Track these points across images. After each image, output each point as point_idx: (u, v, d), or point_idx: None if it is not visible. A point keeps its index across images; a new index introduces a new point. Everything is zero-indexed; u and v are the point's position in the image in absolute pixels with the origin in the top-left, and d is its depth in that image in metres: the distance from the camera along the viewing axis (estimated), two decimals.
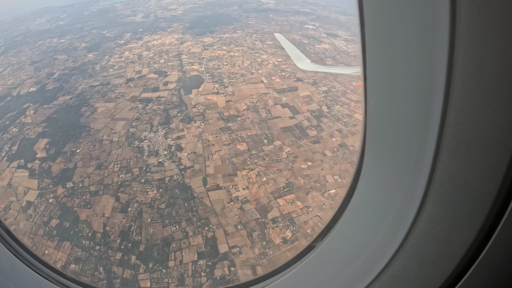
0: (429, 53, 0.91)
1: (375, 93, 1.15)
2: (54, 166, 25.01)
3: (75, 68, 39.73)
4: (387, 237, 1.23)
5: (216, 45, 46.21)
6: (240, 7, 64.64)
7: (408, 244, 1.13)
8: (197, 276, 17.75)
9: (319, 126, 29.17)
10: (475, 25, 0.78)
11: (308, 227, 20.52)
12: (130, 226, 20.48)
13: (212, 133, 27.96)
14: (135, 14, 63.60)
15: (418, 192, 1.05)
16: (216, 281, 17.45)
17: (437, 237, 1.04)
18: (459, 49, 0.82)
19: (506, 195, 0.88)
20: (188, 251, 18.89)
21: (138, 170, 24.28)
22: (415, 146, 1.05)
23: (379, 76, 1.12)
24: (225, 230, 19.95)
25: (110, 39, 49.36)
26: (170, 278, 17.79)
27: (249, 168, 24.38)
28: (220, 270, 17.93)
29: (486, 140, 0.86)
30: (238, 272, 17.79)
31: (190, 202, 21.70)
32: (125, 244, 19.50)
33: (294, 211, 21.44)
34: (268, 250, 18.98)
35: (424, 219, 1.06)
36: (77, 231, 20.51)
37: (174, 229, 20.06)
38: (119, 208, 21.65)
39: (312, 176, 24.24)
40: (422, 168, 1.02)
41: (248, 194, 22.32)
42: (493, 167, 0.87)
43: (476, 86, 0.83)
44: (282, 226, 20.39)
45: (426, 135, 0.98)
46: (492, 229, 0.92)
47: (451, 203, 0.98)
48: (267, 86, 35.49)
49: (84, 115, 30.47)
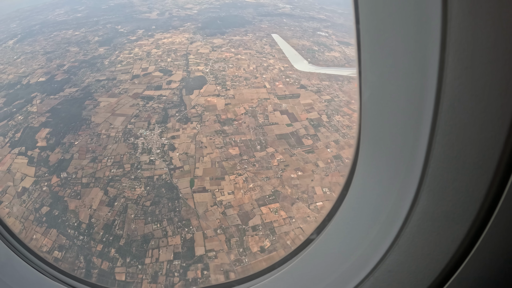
0: (421, 51, 0.96)
1: (368, 89, 1.21)
2: (52, 155, 26.60)
3: (85, 61, 41.84)
4: (382, 232, 1.27)
5: (225, 47, 47.20)
6: (256, 10, 65.61)
7: (402, 239, 1.17)
8: (170, 275, 18.56)
9: (315, 136, 29.28)
10: (466, 23, 0.82)
11: (288, 238, 20.91)
12: (114, 220, 21.59)
13: (207, 135, 28.85)
14: (151, 11, 65.86)
15: (411, 187, 1.09)
16: (187, 283, 18.25)
17: (430, 231, 1.08)
18: (451, 46, 0.86)
19: (497, 190, 0.91)
20: (165, 250, 19.75)
21: (129, 166, 25.46)
22: (408, 142, 1.10)
23: (372, 72, 1.17)
24: (204, 233, 20.68)
25: (123, 34, 51.47)
26: (144, 274, 18.71)
27: (237, 173, 25.04)
28: (193, 272, 18.65)
29: (477, 135, 0.89)
30: (211, 277, 18.50)
31: (174, 202, 22.61)
32: (107, 237, 20.63)
33: (276, 220, 21.88)
34: (244, 257, 19.53)
35: (417, 214, 1.10)
36: (65, 219, 21.81)
37: (155, 227, 20.99)
38: (107, 201, 22.84)
39: (301, 187, 24.53)
40: (415, 163, 1.06)
41: (232, 199, 22.97)
42: (484, 163, 0.90)
43: (467, 82, 0.87)
44: (261, 235, 20.89)
45: (418, 131, 1.03)
46: (484, 223, 0.96)
47: (444, 198, 1.01)
48: (269, 91, 36.02)
49: (87, 108, 32.15)
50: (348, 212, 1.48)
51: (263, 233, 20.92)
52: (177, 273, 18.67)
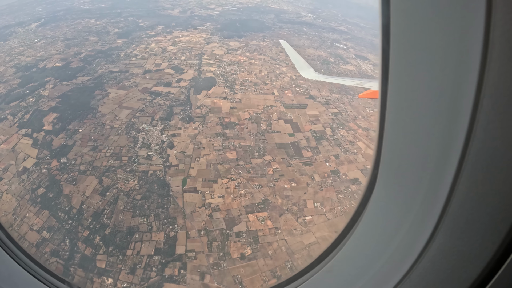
0: (454, 92, 0.96)
1: (395, 111, 1.19)
2: (56, 140, 28.17)
3: (102, 51, 44.00)
4: (394, 264, 1.28)
5: (240, 50, 48.18)
6: (277, 16, 66.64)
7: (414, 273, 1.18)
8: (148, 269, 19.34)
9: (316, 148, 29.38)
10: (505, 68, 0.82)
11: (270, 249, 21.27)
12: (104, 209, 22.62)
13: (207, 136, 29.67)
14: (174, 8, 68.19)
15: (429, 222, 1.10)
16: (164, 279, 18.96)
17: (444, 269, 1.08)
18: (487, 89, 0.86)
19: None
20: (148, 245, 20.53)
21: (127, 159, 26.59)
22: (431, 177, 1.09)
23: (400, 94, 1.15)
24: (188, 233, 21.32)
25: (143, 28, 53.65)
26: (124, 265, 19.58)
27: (231, 178, 25.63)
28: (170, 270, 19.32)
29: (502, 182, 0.90)
30: (187, 276, 19.13)
31: (164, 199, 23.43)
32: (94, 224, 21.69)
33: (261, 229, 22.21)
34: (222, 262, 20.05)
35: (432, 250, 1.11)
36: (58, 203, 23.08)
37: (141, 221, 21.84)
38: (100, 190, 23.95)
39: (292, 198, 24.69)
40: (436, 200, 1.07)
41: (221, 203, 23.53)
42: (506, 208, 0.90)
43: (500, 128, 0.87)
44: (244, 242, 21.29)
45: (444, 168, 1.02)
46: (498, 265, 0.97)
47: (461, 238, 1.02)
48: (276, 99, 36.47)
49: (96, 98, 33.82)
50: (362, 237, 1.48)
51: (246, 241, 21.33)
52: (155, 268, 19.40)
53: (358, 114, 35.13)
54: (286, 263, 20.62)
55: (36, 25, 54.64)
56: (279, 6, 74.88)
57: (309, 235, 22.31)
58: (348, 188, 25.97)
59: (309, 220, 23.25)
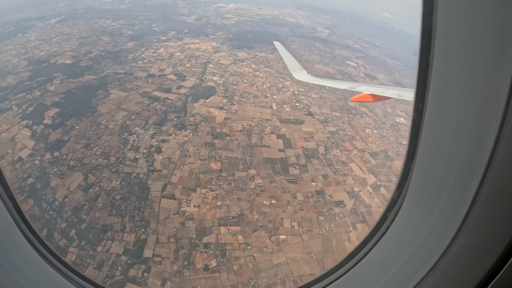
0: (483, 119, 1.17)
1: (434, 122, 1.36)
2: (53, 134, 30.70)
3: (112, 52, 47.22)
4: (422, 258, 1.52)
5: (247, 62, 49.92)
6: (292, 30, 68.50)
7: (439, 266, 1.44)
8: (114, 268, 20.91)
9: (305, 166, 29.92)
10: None
11: (236, 264, 22.14)
12: (83, 204, 24.61)
13: (195, 145, 31.35)
14: (190, 14, 71.62)
15: (454, 225, 1.36)
16: (127, 279, 20.43)
17: (464, 262, 1.36)
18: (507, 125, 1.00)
19: None
20: (118, 244, 22.17)
21: (114, 159, 28.64)
22: (460, 187, 1.33)
23: (440, 110, 1.31)
24: (158, 237, 22.72)
25: (155, 33, 56.91)
26: (92, 260, 21.26)
27: (210, 188, 26.97)
28: (135, 271, 20.74)
29: None
30: (149, 280, 20.51)
31: (142, 202, 25.14)
32: (72, 218, 23.63)
33: (231, 243, 23.13)
34: (185, 270, 21.26)
35: (455, 247, 1.37)
36: (43, 194, 25.25)
37: (116, 220, 23.59)
38: (83, 186, 25.93)
39: (269, 215, 25.26)
40: (461, 206, 1.32)
41: (196, 212, 24.89)
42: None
43: None
44: (211, 254, 22.35)
45: (470, 179, 1.26)
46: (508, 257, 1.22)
47: (479, 236, 1.30)
48: (273, 112, 37.33)
49: (97, 97, 36.53)
50: (393, 236, 1.70)
51: (213, 253, 22.33)
52: (120, 268, 20.92)
53: (356, 134, 35.42)
54: (250, 280, 21.25)
55: (55, 20, 59.11)
56: (296, 20, 77.01)
57: (280, 254, 22.75)
58: (331, 211, 26.23)
59: (282, 239, 23.73)
